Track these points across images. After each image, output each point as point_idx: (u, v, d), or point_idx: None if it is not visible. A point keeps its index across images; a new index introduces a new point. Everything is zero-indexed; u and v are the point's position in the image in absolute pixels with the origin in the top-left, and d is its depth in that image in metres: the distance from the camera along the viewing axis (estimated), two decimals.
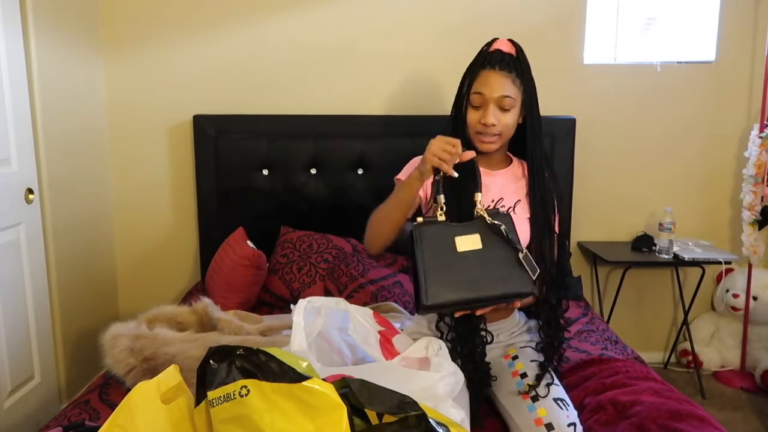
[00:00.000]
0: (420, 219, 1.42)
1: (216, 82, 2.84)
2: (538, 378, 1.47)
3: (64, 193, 2.51)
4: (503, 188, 1.62)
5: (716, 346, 2.99)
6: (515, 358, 1.57)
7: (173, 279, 2.98)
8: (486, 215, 1.39)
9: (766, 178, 2.65)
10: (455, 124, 1.62)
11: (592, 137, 2.92)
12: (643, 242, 2.81)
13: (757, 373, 2.79)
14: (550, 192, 1.59)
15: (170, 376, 1.00)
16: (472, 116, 1.55)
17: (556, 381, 1.50)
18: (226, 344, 0.96)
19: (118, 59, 2.83)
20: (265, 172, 2.81)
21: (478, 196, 1.43)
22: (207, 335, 1.93)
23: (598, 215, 3.01)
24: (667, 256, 2.68)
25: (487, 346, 1.53)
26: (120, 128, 2.88)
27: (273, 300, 2.54)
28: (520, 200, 1.61)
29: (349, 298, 2.37)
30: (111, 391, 1.71)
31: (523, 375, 1.50)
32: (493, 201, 1.60)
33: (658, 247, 2.74)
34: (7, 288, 2.16)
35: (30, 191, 2.27)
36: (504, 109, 1.52)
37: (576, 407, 1.48)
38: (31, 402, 2.28)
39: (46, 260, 2.40)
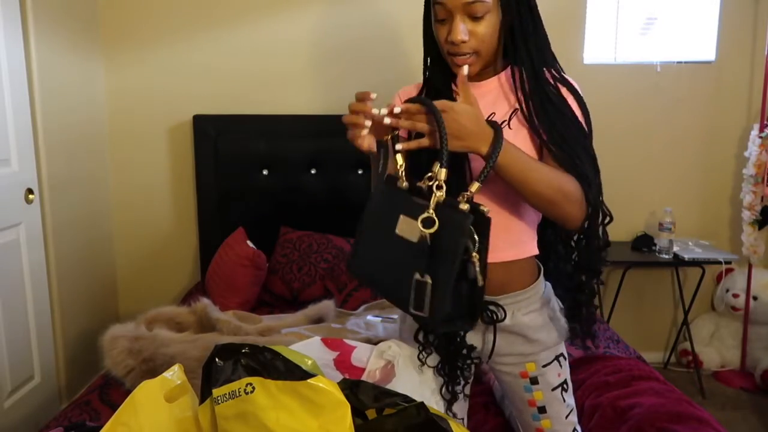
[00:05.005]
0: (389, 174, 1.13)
1: (216, 82, 2.84)
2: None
3: (64, 193, 2.50)
4: (495, 100, 1.22)
5: (716, 346, 2.99)
6: (534, 382, 1.30)
7: (173, 279, 2.98)
8: (436, 201, 1.01)
9: (766, 178, 2.65)
10: (427, 48, 1.25)
11: None
12: (643, 242, 2.81)
13: (757, 373, 2.79)
14: (561, 100, 1.19)
15: (174, 374, 1.00)
16: (439, 33, 1.17)
17: (570, 390, 1.37)
18: (231, 342, 0.96)
19: (118, 59, 2.83)
20: (265, 172, 2.81)
21: (437, 168, 1.02)
22: (206, 336, 1.93)
23: None
24: (667, 256, 2.68)
25: (498, 356, 1.29)
26: (120, 128, 2.88)
27: (273, 300, 2.54)
28: (517, 109, 1.19)
29: (349, 297, 2.39)
30: (111, 392, 1.71)
31: (542, 409, 1.31)
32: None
33: (658, 247, 2.74)
34: (7, 288, 2.15)
35: (30, 191, 2.26)
36: (475, 18, 1.12)
37: (576, 410, 1.46)
38: (31, 402, 2.27)
39: (46, 260, 2.39)
